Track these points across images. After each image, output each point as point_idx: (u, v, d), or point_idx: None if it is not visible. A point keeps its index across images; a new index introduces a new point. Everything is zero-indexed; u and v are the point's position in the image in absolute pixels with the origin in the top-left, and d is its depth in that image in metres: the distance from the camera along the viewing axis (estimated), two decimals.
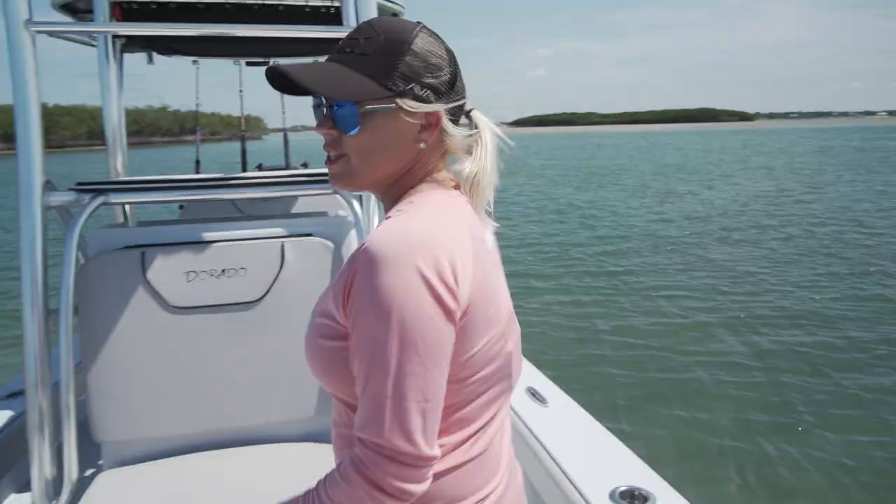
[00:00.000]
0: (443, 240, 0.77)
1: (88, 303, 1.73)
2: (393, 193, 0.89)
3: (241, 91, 4.44)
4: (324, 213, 2.16)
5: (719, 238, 10.82)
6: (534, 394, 2.20)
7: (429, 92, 0.83)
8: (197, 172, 4.40)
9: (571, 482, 1.60)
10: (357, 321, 0.75)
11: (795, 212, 13.72)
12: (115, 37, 2.47)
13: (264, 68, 0.86)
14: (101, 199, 1.63)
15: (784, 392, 4.66)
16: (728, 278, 7.96)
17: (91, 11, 2.33)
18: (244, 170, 4.17)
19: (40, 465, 1.48)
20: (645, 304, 6.88)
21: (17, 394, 2.54)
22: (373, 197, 2.04)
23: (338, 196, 3.07)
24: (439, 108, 0.83)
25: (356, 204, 1.74)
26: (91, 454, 2.22)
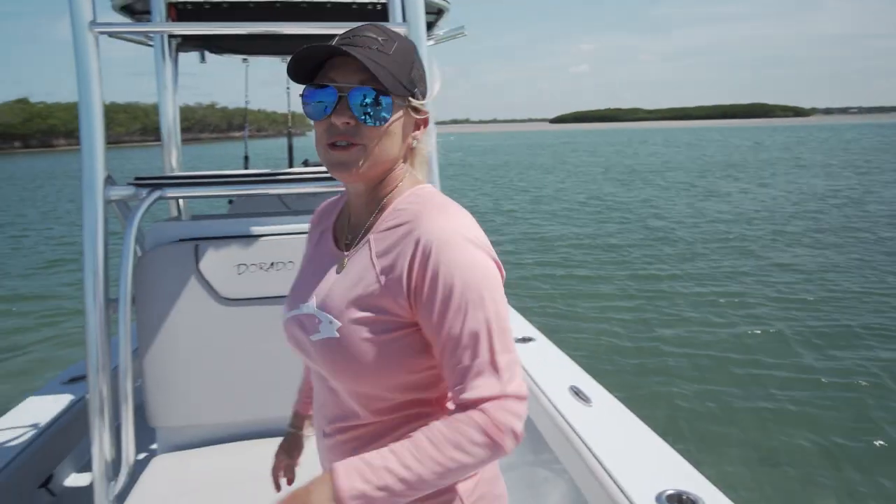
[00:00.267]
0: (475, 222, 0.91)
1: (145, 293, 1.80)
2: (381, 188, 0.95)
3: (288, 88, 4.52)
4: None
5: (786, 240, 10.22)
6: (577, 393, 2.17)
7: (422, 98, 0.93)
8: (245, 168, 4.51)
9: (616, 484, 1.57)
10: (442, 300, 0.83)
11: (860, 213, 12.95)
12: (171, 36, 2.55)
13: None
14: (157, 194, 1.68)
15: (870, 412, 4.26)
16: (796, 284, 7.45)
17: (149, 12, 2.41)
18: (290, 165, 4.25)
19: (100, 447, 1.54)
20: (705, 312, 6.48)
21: (78, 378, 2.66)
22: None
23: None
24: (429, 109, 0.94)
25: None
26: (146, 438, 2.30)
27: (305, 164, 4.28)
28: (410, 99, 0.91)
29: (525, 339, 2.81)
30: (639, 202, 15.79)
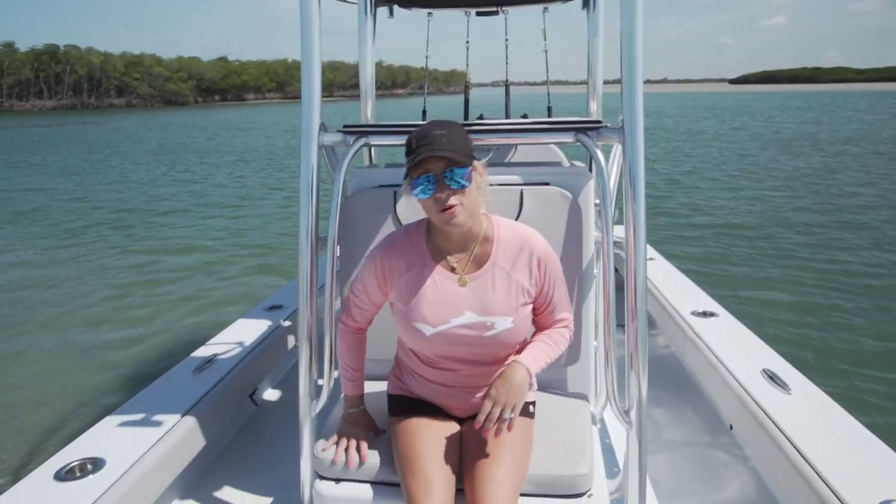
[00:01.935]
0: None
1: (348, 233, 1.93)
2: (475, 225, 1.44)
3: (467, 42, 4.51)
4: (558, 164, 2.13)
5: None
6: (772, 377, 1.98)
7: (477, 159, 1.41)
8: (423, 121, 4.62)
9: (830, 487, 1.40)
10: (550, 283, 1.50)
11: None
12: None
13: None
14: (363, 140, 1.78)
15: None
16: None
17: None
18: (466, 118, 4.28)
19: (307, 368, 1.70)
20: None
21: (275, 307, 2.98)
22: (615, 148, 1.95)
23: (552, 146, 3.00)
24: (481, 164, 1.43)
25: (599, 154, 1.67)
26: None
27: (481, 118, 4.30)
28: (474, 163, 1.39)
29: (706, 314, 2.61)
30: (819, 173, 13.80)
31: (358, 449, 1.53)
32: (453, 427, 1.52)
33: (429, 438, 1.46)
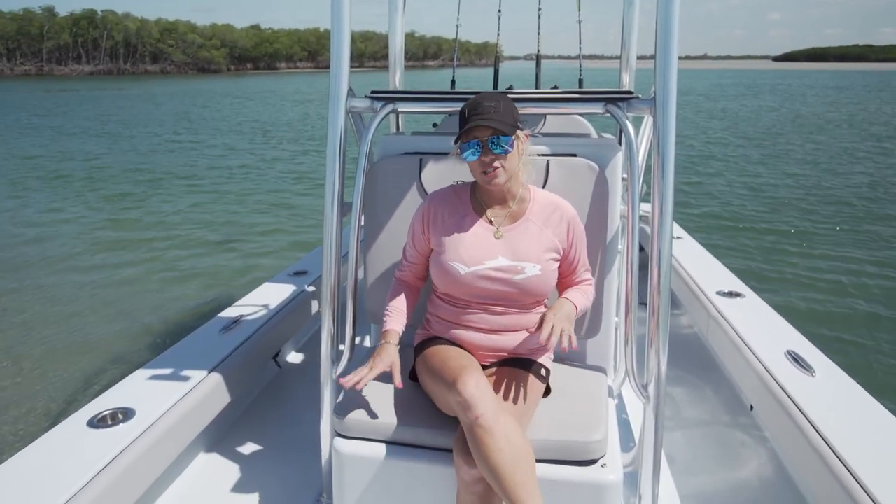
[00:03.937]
0: None
1: (373, 199, 1.94)
2: (513, 186, 1.61)
3: (499, 12, 4.42)
4: (587, 135, 2.10)
5: None
6: (796, 359, 1.95)
7: (522, 128, 1.58)
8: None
9: (850, 471, 1.39)
10: (576, 243, 1.65)
11: None
12: None
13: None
14: (391, 107, 1.78)
15: None
16: None
17: None
18: (495, 89, 4.22)
19: (328, 332, 1.73)
20: None
21: (300, 273, 3.03)
22: (646, 120, 1.91)
23: (581, 119, 2.95)
24: (524, 134, 1.59)
25: (629, 126, 1.63)
26: (362, 329, 2.56)
27: (510, 89, 4.23)
28: (518, 131, 1.54)
29: (732, 294, 2.57)
30: (837, 155, 13.31)
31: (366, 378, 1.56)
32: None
33: (458, 351, 1.59)
